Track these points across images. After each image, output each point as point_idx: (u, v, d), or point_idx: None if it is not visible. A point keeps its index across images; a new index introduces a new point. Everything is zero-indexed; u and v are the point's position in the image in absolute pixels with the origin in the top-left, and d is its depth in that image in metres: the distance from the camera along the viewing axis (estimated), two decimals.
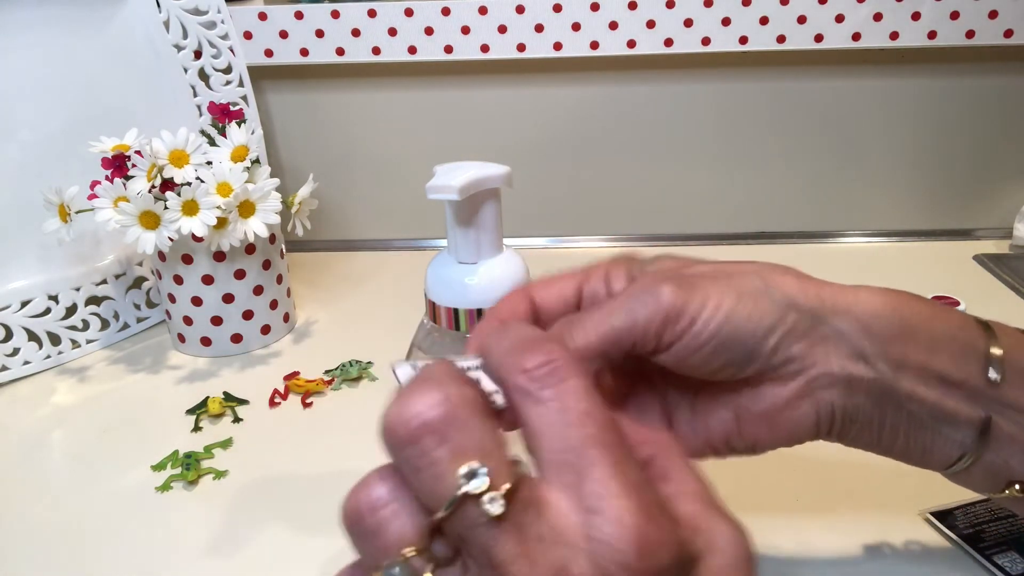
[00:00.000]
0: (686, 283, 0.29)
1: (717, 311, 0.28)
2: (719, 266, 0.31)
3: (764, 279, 0.30)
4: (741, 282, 0.29)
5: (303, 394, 0.56)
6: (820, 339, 0.29)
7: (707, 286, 0.29)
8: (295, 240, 0.68)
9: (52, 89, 0.63)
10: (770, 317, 0.29)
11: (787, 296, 0.29)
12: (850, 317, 0.30)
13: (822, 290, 0.30)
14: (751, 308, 0.29)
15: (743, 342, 0.29)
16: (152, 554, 0.42)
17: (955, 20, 0.71)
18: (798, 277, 0.30)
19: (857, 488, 0.44)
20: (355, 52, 0.75)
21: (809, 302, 0.29)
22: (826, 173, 0.81)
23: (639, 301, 0.29)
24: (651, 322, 0.28)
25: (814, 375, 0.30)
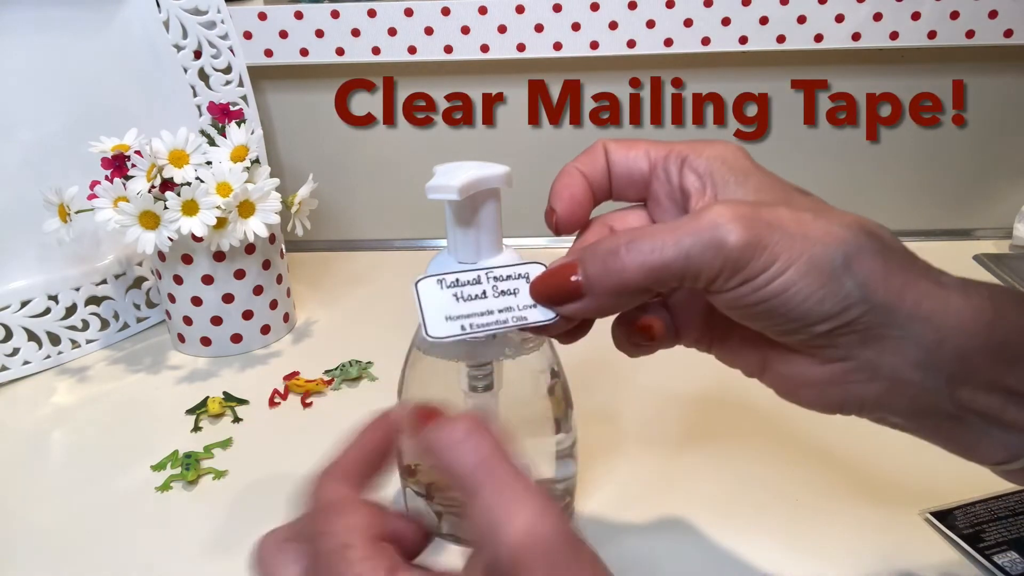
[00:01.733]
0: (758, 229, 0.25)
1: (777, 278, 0.25)
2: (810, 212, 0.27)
3: (847, 255, 0.26)
4: (819, 250, 0.25)
5: (303, 394, 0.56)
6: (879, 336, 0.26)
7: (778, 243, 0.25)
8: (295, 240, 0.68)
9: (52, 89, 0.63)
10: (832, 304, 0.25)
11: (864, 286, 0.25)
12: (930, 326, 0.26)
13: (907, 286, 0.26)
14: (815, 287, 0.25)
15: (790, 318, 0.26)
16: (152, 554, 0.42)
17: (955, 20, 0.71)
18: (887, 260, 0.26)
19: (857, 488, 0.44)
20: (355, 52, 0.75)
21: (888, 300, 0.26)
22: (825, 173, 0.81)
23: (699, 243, 0.25)
24: (704, 268, 0.26)
25: (854, 367, 0.27)
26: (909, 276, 0.26)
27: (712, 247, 0.25)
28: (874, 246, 0.26)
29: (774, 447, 0.48)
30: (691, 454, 0.48)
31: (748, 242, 0.25)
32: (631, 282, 0.26)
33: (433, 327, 0.28)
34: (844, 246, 0.26)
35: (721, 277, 0.26)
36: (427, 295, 0.29)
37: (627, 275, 0.26)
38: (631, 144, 0.31)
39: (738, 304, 0.26)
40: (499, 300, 0.29)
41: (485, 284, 0.29)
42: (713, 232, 0.25)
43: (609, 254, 0.27)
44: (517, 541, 0.21)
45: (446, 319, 0.28)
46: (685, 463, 0.47)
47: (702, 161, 0.30)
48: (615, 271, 0.26)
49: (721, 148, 0.30)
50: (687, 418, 0.52)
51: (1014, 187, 0.80)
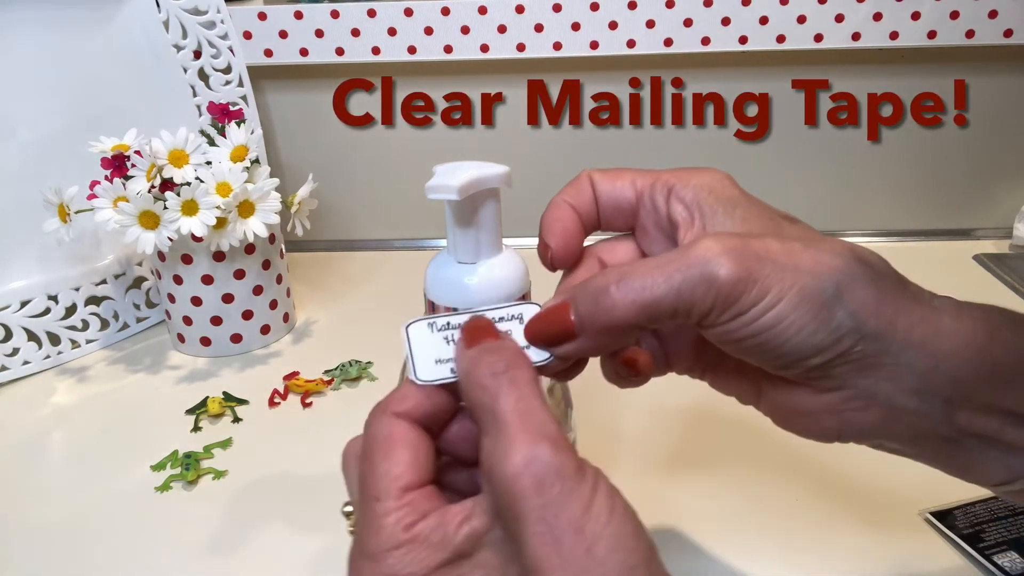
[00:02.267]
0: (749, 263, 0.25)
1: (768, 311, 0.25)
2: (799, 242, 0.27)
3: (839, 286, 0.25)
4: (809, 282, 0.25)
5: (303, 394, 0.56)
6: (873, 365, 0.26)
7: (769, 276, 0.25)
8: (295, 240, 0.68)
9: (52, 89, 0.63)
10: (824, 336, 0.25)
11: (856, 316, 0.25)
12: (923, 352, 0.26)
13: (899, 314, 0.26)
14: (807, 319, 0.25)
15: (783, 352, 0.26)
16: (152, 554, 0.42)
17: (955, 20, 0.71)
18: (879, 290, 0.26)
19: (857, 488, 0.44)
20: (355, 52, 0.75)
21: (880, 329, 0.26)
22: (826, 174, 0.81)
23: (689, 279, 0.25)
24: (696, 304, 0.26)
25: (850, 396, 0.27)
26: (901, 303, 0.26)
27: (703, 283, 0.25)
28: (865, 274, 0.26)
29: (774, 448, 0.48)
30: (691, 454, 0.48)
31: (739, 276, 0.25)
32: (623, 320, 0.26)
33: (422, 371, 0.28)
34: (835, 275, 0.26)
35: (713, 312, 0.26)
36: (417, 339, 0.28)
37: (618, 313, 0.26)
38: (616, 174, 0.31)
39: (730, 339, 0.26)
40: None
41: None
42: (703, 267, 0.25)
43: (600, 292, 0.27)
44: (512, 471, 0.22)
45: (435, 362, 0.28)
46: (685, 463, 0.47)
47: (689, 191, 0.29)
48: (606, 310, 0.26)
49: (707, 177, 0.30)
50: (687, 419, 0.52)
51: (1014, 187, 0.80)
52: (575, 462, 0.23)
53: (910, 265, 0.83)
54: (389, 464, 0.25)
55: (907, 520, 0.42)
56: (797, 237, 0.27)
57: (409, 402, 0.26)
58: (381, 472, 0.25)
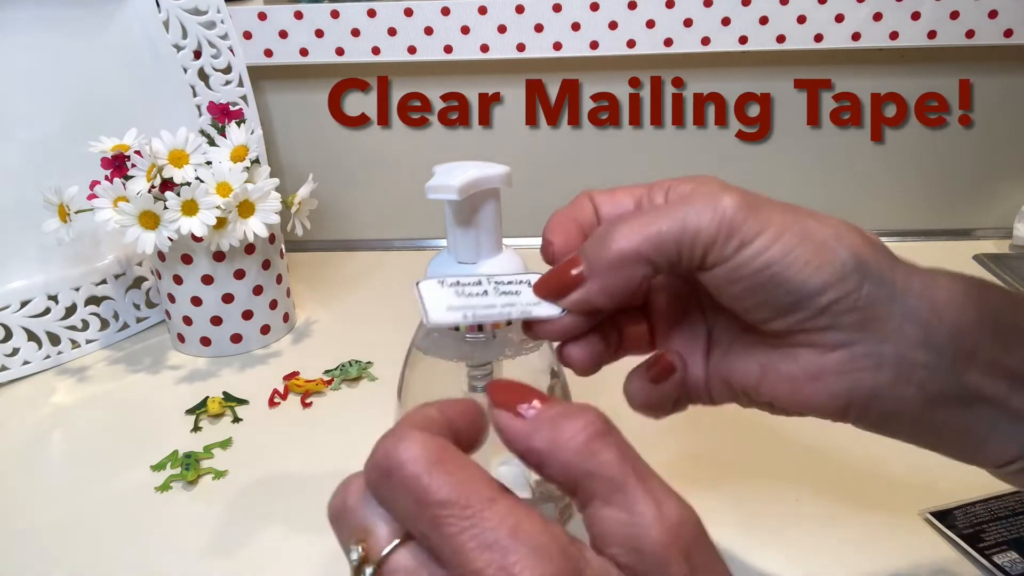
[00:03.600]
0: (751, 202, 0.27)
1: (773, 243, 0.26)
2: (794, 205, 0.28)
3: (839, 232, 0.27)
4: (813, 224, 0.27)
5: (303, 394, 0.56)
6: (881, 316, 0.26)
7: (772, 213, 0.27)
8: (295, 240, 0.68)
9: (52, 89, 0.63)
10: (830, 272, 0.26)
11: (858, 257, 0.26)
12: (924, 300, 0.26)
13: (897, 265, 0.27)
14: (811, 254, 0.26)
15: (790, 289, 0.26)
16: (152, 554, 0.42)
17: (955, 20, 0.71)
18: (876, 246, 0.28)
19: (857, 488, 0.44)
20: (355, 52, 0.75)
21: (881, 271, 0.27)
22: (825, 173, 0.81)
23: (694, 208, 0.27)
24: (701, 232, 0.26)
25: (861, 352, 0.27)
26: (895, 259, 0.28)
27: (707, 210, 0.27)
28: (859, 234, 0.28)
29: (774, 448, 0.48)
30: (690, 454, 0.48)
31: (740, 205, 0.27)
32: (630, 252, 0.27)
33: (434, 314, 0.28)
34: (833, 228, 0.27)
35: (718, 241, 0.27)
36: (427, 291, 0.29)
37: (624, 244, 0.27)
38: (614, 190, 0.32)
39: (735, 275, 0.27)
40: (502, 298, 0.29)
41: (487, 285, 0.30)
42: (707, 199, 0.27)
43: (607, 231, 0.28)
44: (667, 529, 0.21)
45: (448, 308, 0.28)
46: (684, 463, 0.47)
47: (686, 185, 0.30)
48: (614, 241, 0.27)
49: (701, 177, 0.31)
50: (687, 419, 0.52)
51: (1014, 187, 0.80)
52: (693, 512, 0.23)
53: None
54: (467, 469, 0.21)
55: (907, 520, 0.42)
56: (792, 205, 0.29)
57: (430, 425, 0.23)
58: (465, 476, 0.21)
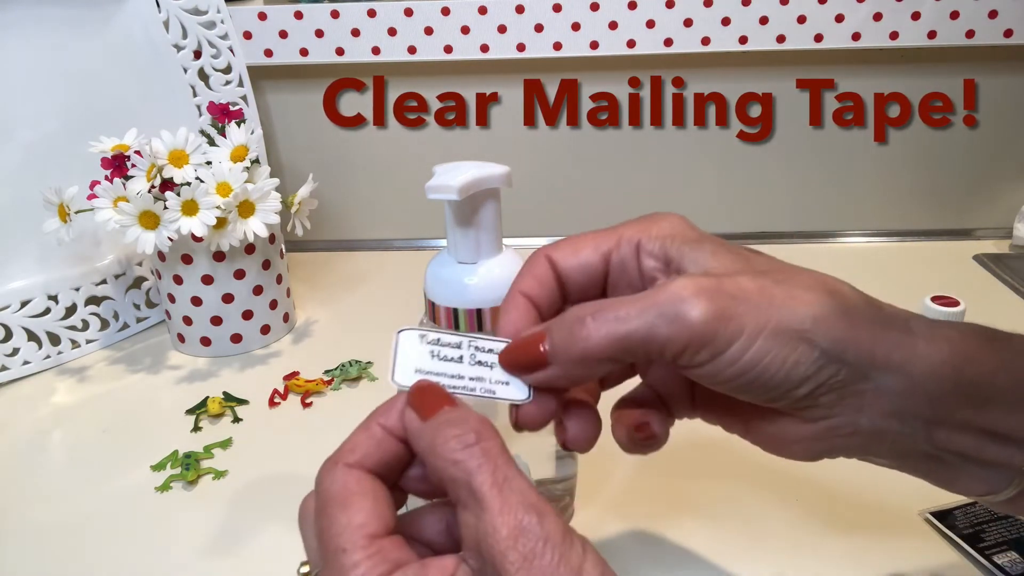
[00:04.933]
0: (723, 307, 0.26)
1: (747, 350, 0.26)
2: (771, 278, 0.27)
3: (814, 318, 0.26)
4: (785, 316, 0.26)
5: (303, 394, 0.56)
6: (856, 392, 0.27)
7: (744, 315, 0.26)
8: (295, 240, 0.68)
9: (52, 89, 0.63)
10: (805, 368, 0.26)
11: (834, 347, 0.26)
12: (900, 375, 0.26)
13: (877, 341, 0.26)
14: (787, 353, 0.26)
15: (769, 387, 0.26)
16: (152, 554, 0.42)
17: (955, 20, 0.71)
18: (853, 320, 0.26)
19: (857, 488, 0.44)
20: (355, 52, 0.75)
21: (858, 357, 0.26)
22: (826, 173, 0.81)
23: (663, 316, 0.26)
24: (670, 342, 0.26)
25: (837, 424, 0.27)
26: (876, 331, 0.27)
27: (676, 321, 0.26)
28: (838, 306, 0.27)
29: None
30: (690, 454, 0.48)
31: (712, 315, 0.25)
32: (596, 351, 0.26)
33: (400, 375, 0.28)
34: (810, 308, 0.26)
35: (688, 351, 0.26)
36: (405, 345, 0.29)
37: (592, 343, 0.26)
38: (575, 244, 0.30)
39: (717, 380, 0.27)
40: (472, 369, 0.29)
41: (464, 350, 0.29)
42: (676, 306, 0.26)
43: (576, 322, 0.27)
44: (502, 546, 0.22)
45: (415, 371, 0.28)
46: (684, 463, 0.47)
47: (655, 243, 0.29)
48: (581, 339, 0.27)
49: (668, 224, 0.30)
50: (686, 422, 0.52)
51: (1014, 187, 0.80)
52: (562, 528, 0.23)
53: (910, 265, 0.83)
54: (349, 514, 0.24)
55: (907, 520, 0.42)
56: (768, 271, 0.28)
57: (359, 452, 0.25)
58: (342, 524, 0.24)
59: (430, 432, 0.24)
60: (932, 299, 0.52)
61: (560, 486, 0.42)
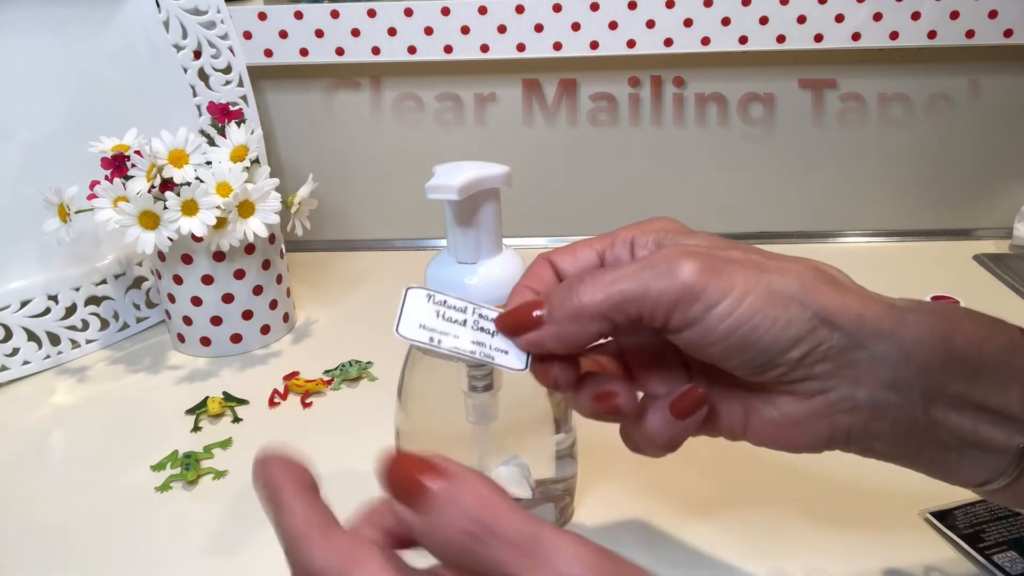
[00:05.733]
0: (713, 264, 0.27)
1: (739, 305, 0.26)
2: (759, 256, 0.28)
3: (803, 283, 0.27)
4: (776, 280, 0.27)
5: (303, 394, 0.56)
6: (851, 362, 0.27)
7: (735, 273, 0.27)
8: (295, 240, 0.68)
9: (52, 89, 0.63)
10: (798, 328, 0.26)
11: (825, 309, 0.27)
12: (892, 342, 0.27)
13: (866, 308, 0.27)
14: (778, 311, 0.26)
15: (761, 348, 0.27)
16: (152, 554, 0.42)
17: (955, 20, 0.71)
18: (841, 288, 0.28)
19: (857, 488, 0.44)
20: (355, 52, 0.75)
21: (849, 321, 0.27)
22: (826, 173, 0.81)
23: (655, 271, 0.27)
24: (663, 296, 0.26)
25: (836, 398, 0.28)
26: (864, 300, 0.28)
27: (668, 275, 0.27)
28: (826, 273, 0.28)
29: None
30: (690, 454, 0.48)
31: (702, 270, 0.27)
32: (591, 307, 0.27)
33: (405, 327, 0.29)
34: (798, 277, 0.27)
35: (680, 305, 0.27)
36: (412, 301, 0.30)
37: (586, 299, 0.27)
38: (573, 247, 0.32)
39: (708, 340, 0.27)
40: (474, 333, 0.30)
41: (468, 315, 0.30)
42: (669, 264, 0.27)
43: (573, 280, 0.28)
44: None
45: (419, 326, 0.29)
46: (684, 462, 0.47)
47: (649, 237, 0.31)
48: (576, 295, 0.28)
49: (660, 223, 0.32)
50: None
51: (1014, 187, 0.80)
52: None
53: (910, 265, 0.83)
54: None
55: (907, 520, 0.42)
56: (755, 252, 0.29)
57: None
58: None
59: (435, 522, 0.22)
60: (932, 299, 0.53)
61: (560, 486, 0.42)
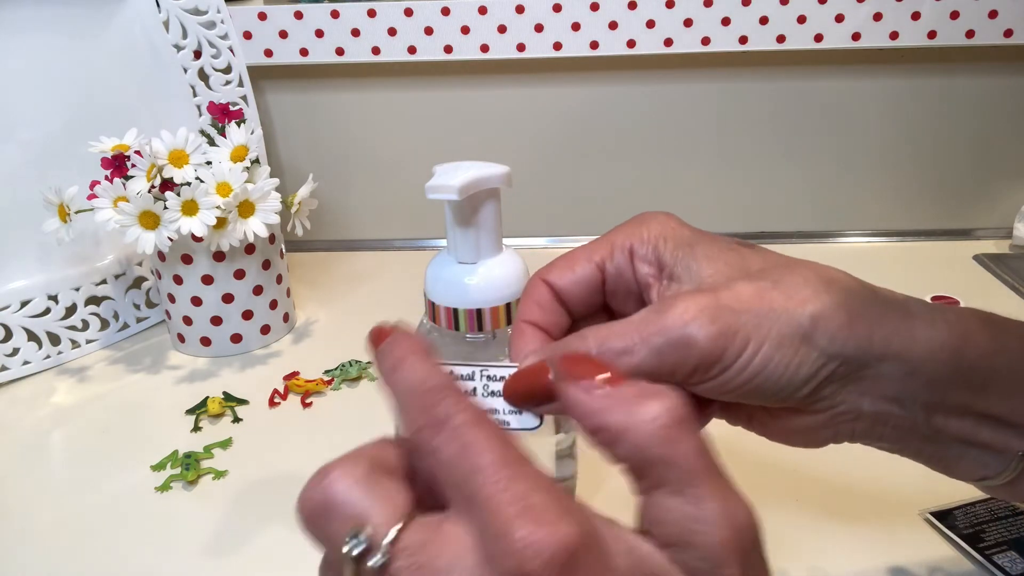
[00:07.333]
0: (726, 318, 0.26)
1: (753, 359, 0.26)
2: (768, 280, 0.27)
3: (812, 316, 0.26)
4: (786, 320, 0.26)
5: (303, 394, 0.56)
6: (856, 380, 0.27)
7: (747, 324, 0.26)
8: (295, 240, 0.68)
9: (52, 89, 0.63)
10: (809, 367, 0.26)
11: (834, 342, 0.26)
12: (899, 361, 0.27)
13: (875, 330, 0.27)
14: (790, 357, 0.26)
15: (776, 389, 0.27)
16: (152, 554, 0.42)
17: (955, 20, 0.71)
18: (850, 312, 0.27)
19: (857, 488, 0.44)
20: (355, 52, 0.75)
21: (858, 348, 0.27)
22: (826, 173, 0.81)
23: (669, 343, 0.26)
24: (680, 367, 0.26)
25: (840, 411, 0.28)
26: (874, 318, 0.27)
27: (683, 346, 0.26)
28: (835, 299, 0.27)
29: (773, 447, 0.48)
30: None
31: (718, 333, 0.26)
32: None
33: None
34: (807, 308, 0.26)
35: (698, 372, 0.26)
36: None
37: None
38: (569, 261, 0.31)
39: (723, 391, 0.27)
40: (485, 400, 0.28)
41: (477, 381, 0.28)
42: (682, 331, 0.26)
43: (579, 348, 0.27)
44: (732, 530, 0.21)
45: None
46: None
47: (647, 247, 0.30)
48: None
49: (658, 225, 0.30)
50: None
51: (1014, 187, 0.80)
52: None
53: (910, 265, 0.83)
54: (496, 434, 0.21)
55: (907, 520, 0.42)
56: (763, 270, 0.28)
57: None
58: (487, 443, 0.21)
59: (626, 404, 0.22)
60: (932, 299, 0.53)
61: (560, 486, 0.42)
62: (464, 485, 0.20)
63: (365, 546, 0.20)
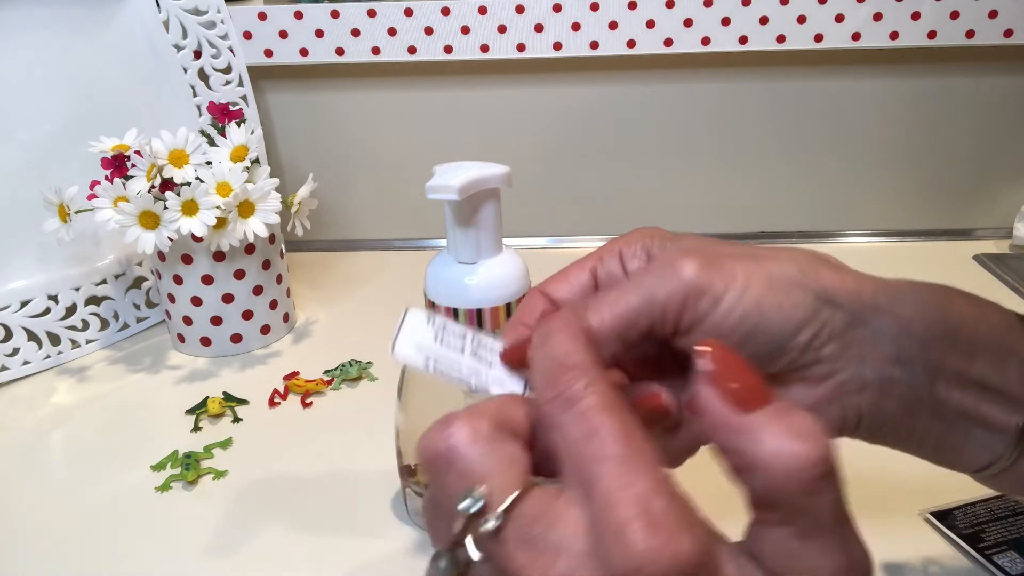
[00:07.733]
0: (711, 260, 0.27)
1: (744, 294, 0.27)
2: (750, 248, 0.29)
3: (800, 267, 0.28)
4: (774, 267, 0.27)
5: (303, 394, 0.56)
6: (856, 340, 0.27)
7: (734, 266, 0.27)
8: (295, 240, 0.68)
9: (52, 89, 0.63)
10: (803, 310, 0.27)
11: (825, 289, 0.27)
12: (892, 316, 0.27)
13: (863, 285, 0.28)
14: (782, 297, 0.27)
15: (771, 334, 0.27)
16: (152, 554, 0.42)
17: (955, 20, 0.71)
18: (837, 269, 0.28)
19: (857, 488, 0.44)
20: (355, 52, 0.75)
21: (849, 298, 0.27)
22: (826, 173, 0.81)
23: (657, 277, 0.27)
24: (670, 299, 0.27)
25: (844, 379, 0.28)
26: (859, 277, 0.28)
27: (671, 277, 0.27)
28: (818, 257, 0.29)
29: None
30: None
31: (703, 265, 0.27)
32: (600, 332, 0.27)
33: (401, 347, 0.28)
34: (794, 260, 0.28)
35: (688, 305, 0.27)
36: (411, 322, 0.29)
37: (595, 324, 0.27)
38: (563, 273, 0.31)
39: (719, 333, 0.27)
40: (471, 360, 0.29)
41: (467, 342, 0.29)
42: (670, 268, 0.27)
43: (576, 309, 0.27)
44: None
45: (416, 347, 0.29)
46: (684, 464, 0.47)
47: (636, 247, 0.31)
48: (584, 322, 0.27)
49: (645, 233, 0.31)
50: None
51: (1014, 187, 0.80)
52: None
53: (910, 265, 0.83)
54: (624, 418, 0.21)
55: (907, 520, 0.42)
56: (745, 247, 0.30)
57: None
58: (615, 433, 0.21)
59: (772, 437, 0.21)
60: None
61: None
62: (584, 470, 0.21)
63: (480, 506, 0.21)
